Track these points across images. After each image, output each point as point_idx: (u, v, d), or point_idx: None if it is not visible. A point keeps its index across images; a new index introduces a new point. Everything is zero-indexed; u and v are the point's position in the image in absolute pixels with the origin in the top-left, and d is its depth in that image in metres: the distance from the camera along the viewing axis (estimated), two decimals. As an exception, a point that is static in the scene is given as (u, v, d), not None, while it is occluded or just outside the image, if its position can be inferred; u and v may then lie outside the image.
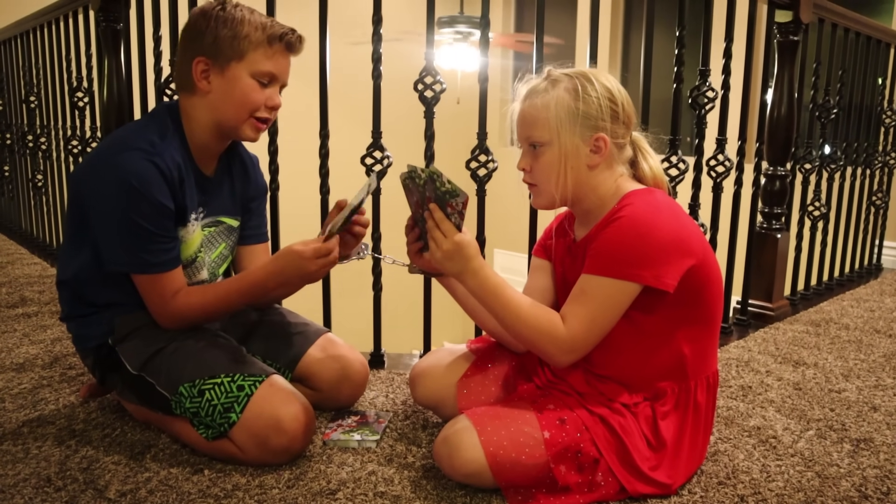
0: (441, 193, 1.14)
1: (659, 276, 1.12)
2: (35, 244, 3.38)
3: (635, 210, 1.14)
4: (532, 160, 1.22)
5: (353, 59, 3.48)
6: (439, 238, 1.16)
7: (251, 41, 1.29)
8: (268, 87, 1.33)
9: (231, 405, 1.24)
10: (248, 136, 1.36)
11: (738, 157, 2.17)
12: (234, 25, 1.29)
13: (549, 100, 1.18)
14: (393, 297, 2.56)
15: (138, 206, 1.23)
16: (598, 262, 1.15)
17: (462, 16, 4.53)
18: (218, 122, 1.34)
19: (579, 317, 1.14)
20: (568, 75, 1.20)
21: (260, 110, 1.33)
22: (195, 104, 1.33)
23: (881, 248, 3.32)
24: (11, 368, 1.75)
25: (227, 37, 1.28)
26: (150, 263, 1.28)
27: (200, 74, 1.30)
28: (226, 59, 1.29)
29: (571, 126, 1.18)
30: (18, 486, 1.19)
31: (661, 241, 1.13)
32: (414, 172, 1.18)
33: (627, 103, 1.22)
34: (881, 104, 3.05)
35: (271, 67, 1.31)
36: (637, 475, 1.16)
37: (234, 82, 1.30)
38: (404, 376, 1.74)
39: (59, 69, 2.91)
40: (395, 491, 1.20)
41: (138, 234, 1.25)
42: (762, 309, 2.40)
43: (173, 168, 1.28)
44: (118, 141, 1.29)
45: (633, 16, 5.44)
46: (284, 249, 1.28)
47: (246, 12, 1.31)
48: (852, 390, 1.72)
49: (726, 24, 2.06)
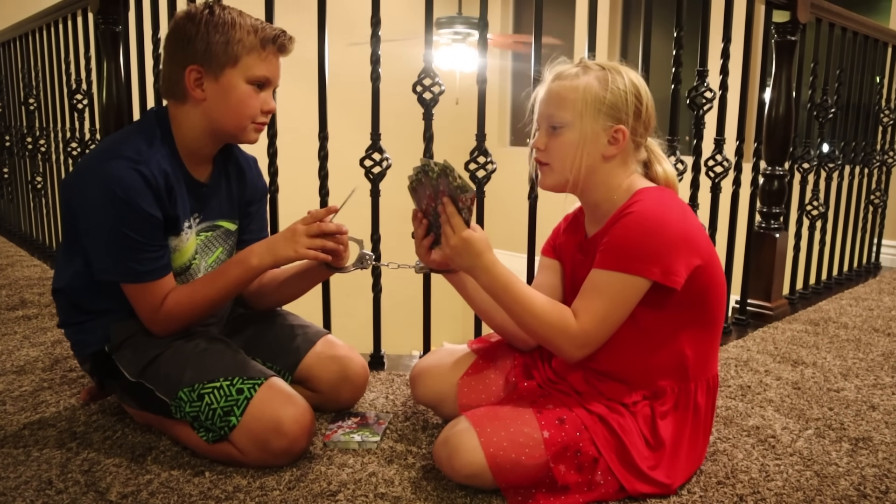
0: (454, 188, 1.15)
1: (668, 272, 1.13)
2: (35, 246, 3.38)
3: (646, 206, 1.15)
4: (549, 140, 1.22)
5: (351, 60, 3.48)
6: (449, 233, 1.17)
7: (245, 45, 1.27)
8: (262, 91, 1.32)
9: (231, 408, 1.24)
10: (252, 140, 1.36)
11: (737, 157, 2.18)
12: (227, 30, 1.26)
13: (578, 84, 1.19)
14: (392, 299, 2.57)
15: (124, 216, 1.22)
16: (608, 257, 1.16)
17: (460, 17, 4.53)
18: (215, 129, 1.32)
19: (591, 311, 1.15)
20: (600, 66, 1.22)
21: (258, 116, 1.33)
22: (187, 112, 1.31)
23: (879, 247, 3.33)
24: (12, 371, 1.75)
25: (220, 42, 1.26)
26: (137, 272, 1.27)
27: (194, 83, 1.28)
28: (220, 65, 1.27)
29: (595, 112, 1.19)
30: (20, 488, 1.19)
31: (671, 238, 1.14)
32: (427, 166, 1.18)
33: (651, 105, 1.24)
34: (879, 103, 3.06)
35: (266, 72, 1.30)
36: (636, 474, 1.17)
37: (230, 90, 1.28)
38: (404, 377, 1.74)
39: (58, 71, 2.91)
40: (396, 492, 1.20)
41: (125, 243, 1.24)
42: (761, 308, 2.41)
43: (160, 176, 1.26)
44: (105, 149, 1.28)
45: (631, 16, 5.44)
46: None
47: (235, 15, 1.29)
48: (851, 389, 1.73)
49: (724, 24, 2.06)
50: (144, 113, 1.40)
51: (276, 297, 1.52)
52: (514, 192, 2.52)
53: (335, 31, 2.05)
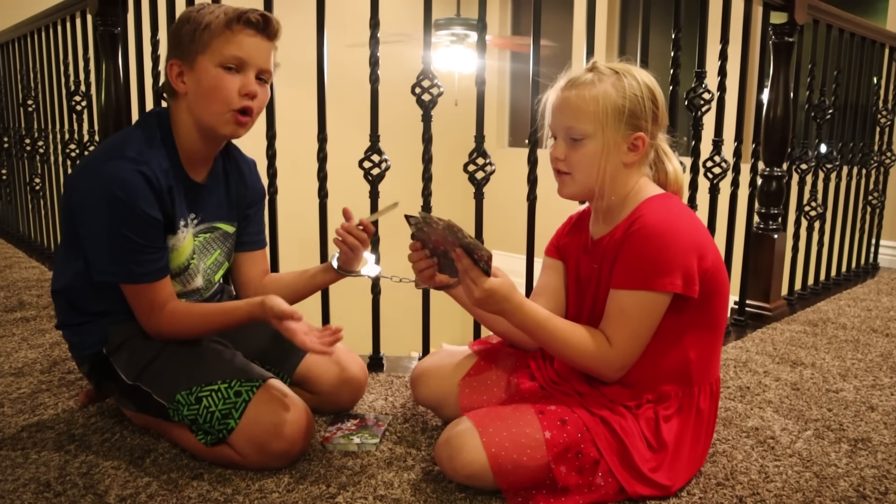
0: (466, 243, 1.13)
1: (689, 282, 1.15)
2: (33, 248, 3.38)
3: (657, 218, 1.16)
4: (570, 151, 1.21)
5: (350, 62, 3.48)
6: (471, 286, 1.15)
7: (211, 30, 1.26)
8: (239, 74, 1.27)
9: (229, 411, 1.24)
10: (230, 133, 1.30)
11: (735, 158, 2.18)
12: (195, 18, 1.27)
13: (597, 93, 1.18)
14: (391, 301, 2.56)
15: (124, 218, 1.22)
16: (628, 277, 1.16)
17: (459, 18, 4.53)
18: (198, 121, 1.31)
19: (623, 335, 1.17)
20: (615, 71, 1.21)
21: (234, 101, 1.27)
22: (179, 108, 1.32)
23: (878, 248, 3.33)
24: (10, 373, 1.74)
25: (189, 31, 1.26)
26: (136, 274, 1.27)
27: (176, 77, 1.29)
28: (192, 53, 1.27)
29: (616, 123, 1.18)
30: (18, 491, 1.19)
31: (686, 248, 1.15)
32: (429, 218, 1.16)
33: (664, 105, 1.25)
34: (876, 104, 3.06)
35: (235, 51, 1.26)
36: (637, 476, 1.17)
37: (202, 76, 1.27)
38: (403, 379, 1.74)
39: (56, 73, 2.91)
40: (395, 494, 1.20)
41: (125, 245, 1.24)
42: (759, 309, 2.41)
43: (161, 175, 1.26)
44: (106, 150, 1.28)
45: (629, 17, 5.44)
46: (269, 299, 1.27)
47: (210, 7, 1.29)
48: (850, 390, 1.73)
49: (722, 25, 2.06)
50: (146, 113, 1.39)
51: None
52: (513, 193, 2.52)
53: (334, 33, 2.05)
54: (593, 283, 1.27)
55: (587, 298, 1.29)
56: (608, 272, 1.22)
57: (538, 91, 1.74)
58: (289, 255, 1.92)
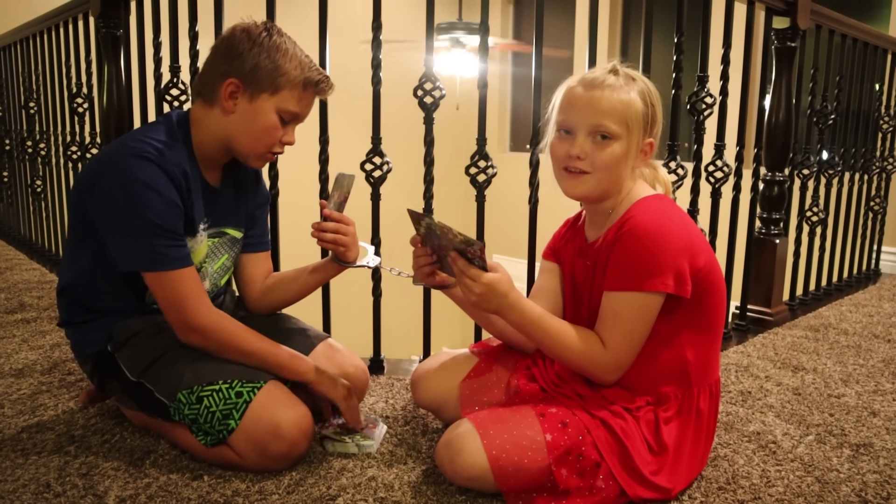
0: (458, 243, 1.13)
1: (680, 282, 1.15)
2: (34, 250, 3.38)
3: (647, 219, 1.16)
4: (594, 149, 1.20)
5: (352, 64, 3.49)
6: (470, 284, 1.15)
7: (289, 79, 1.28)
8: (287, 125, 1.34)
9: (230, 412, 1.24)
10: (256, 166, 1.40)
11: (737, 163, 2.18)
12: (277, 58, 1.28)
13: (628, 97, 1.19)
14: (392, 303, 2.56)
15: (147, 201, 1.21)
16: (620, 278, 1.16)
17: (461, 22, 4.55)
18: (229, 140, 1.33)
19: (616, 337, 1.17)
20: (632, 76, 1.22)
21: (276, 147, 1.34)
22: (211, 116, 1.32)
23: (879, 253, 3.33)
24: (10, 374, 1.74)
25: (268, 68, 1.27)
26: (163, 259, 1.24)
27: (229, 95, 1.29)
28: (259, 88, 1.28)
29: (641, 128, 1.21)
30: (18, 491, 1.18)
31: (677, 248, 1.15)
32: (433, 223, 1.17)
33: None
34: (878, 110, 3.06)
35: (298, 109, 1.32)
36: (638, 479, 1.16)
37: (259, 114, 1.30)
38: (404, 381, 1.74)
39: (58, 75, 2.91)
40: (395, 496, 1.20)
41: (149, 228, 1.22)
42: (761, 314, 2.41)
43: (181, 175, 1.27)
44: (125, 144, 1.26)
45: (631, 21, 5.45)
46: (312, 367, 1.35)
47: (290, 45, 1.30)
48: (851, 395, 1.72)
49: (724, 30, 2.07)
50: (164, 114, 1.39)
51: (284, 296, 1.51)
52: (515, 196, 2.52)
53: (336, 35, 2.05)
54: (588, 285, 1.27)
55: (583, 301, 1.29)
56: (602, 274, 1.22)
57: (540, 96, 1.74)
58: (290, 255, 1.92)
